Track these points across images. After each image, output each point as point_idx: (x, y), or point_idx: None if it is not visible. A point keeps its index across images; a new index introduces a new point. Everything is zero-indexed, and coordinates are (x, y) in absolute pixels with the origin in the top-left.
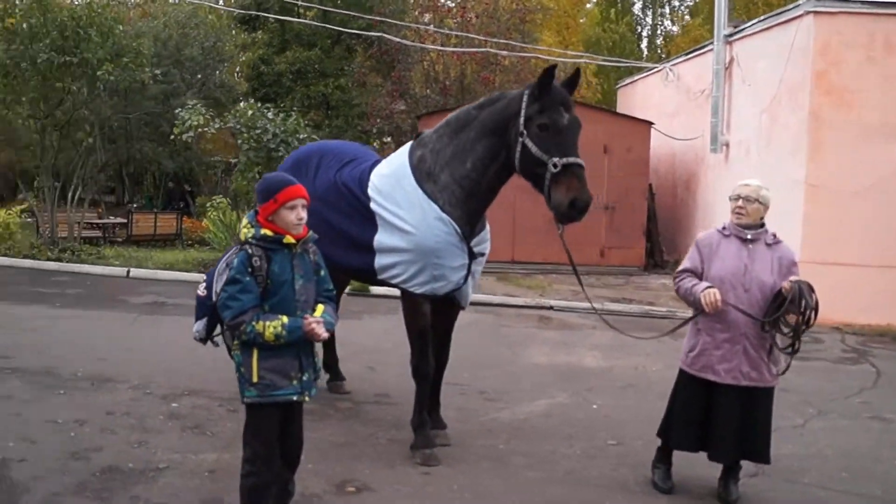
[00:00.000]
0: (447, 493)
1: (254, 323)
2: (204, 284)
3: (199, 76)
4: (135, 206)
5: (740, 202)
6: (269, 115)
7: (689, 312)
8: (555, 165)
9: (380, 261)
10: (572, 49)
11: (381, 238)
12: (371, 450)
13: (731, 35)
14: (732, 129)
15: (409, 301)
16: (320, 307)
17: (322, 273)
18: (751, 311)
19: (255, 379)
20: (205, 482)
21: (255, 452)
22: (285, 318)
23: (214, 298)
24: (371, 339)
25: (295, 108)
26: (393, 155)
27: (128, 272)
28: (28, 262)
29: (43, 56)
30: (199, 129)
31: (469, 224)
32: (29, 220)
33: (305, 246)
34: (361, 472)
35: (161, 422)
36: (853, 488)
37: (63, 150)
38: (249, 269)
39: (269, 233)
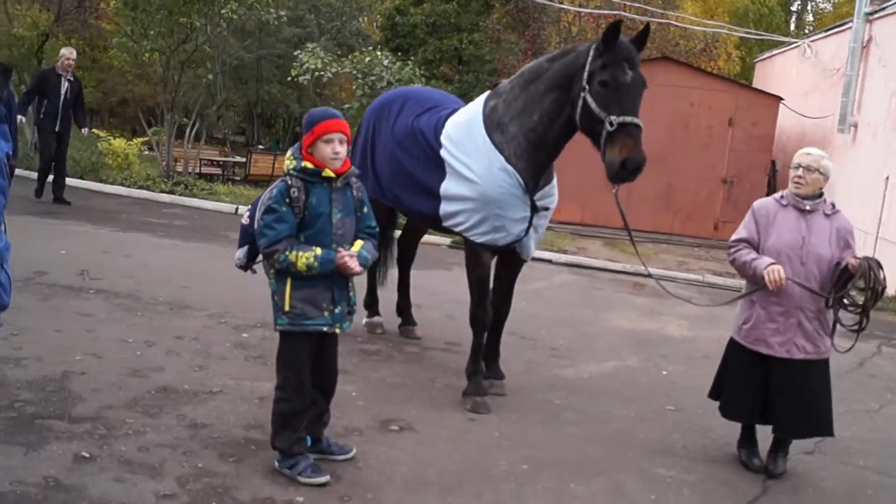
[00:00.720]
0: (486, 439)
1: (287, 252)
2: (248, 213)
3: (336, 23)
4: (261, 147)
5: (800, 171)
6: (385, 62)
7: None
8: (611, 124)
9: (444, 208)
10: (717, 19)
11: (447, 185)
12: (425, 393)
13: (871, 13)
14: (863, 111)
15: (471, 250)
16: (359, 242)
17: (365, 210)
18: (806, 283)
19: (286, 307)
20: (252, 408)
21: (287, 380)
22: (318, 250)
23: (256, 227)
24: (459, 289)
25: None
26: (471, 103)
27: (236, 209)
28: (143, 193)
29: None
30: (317, 73)
31: (534, 177)
32: (150, 152)
33: (347, 181)
34: (408, 413)
35: (226, 349)
36: None
37: (185, 87)
38: (287, 200)
39: (309, 165)
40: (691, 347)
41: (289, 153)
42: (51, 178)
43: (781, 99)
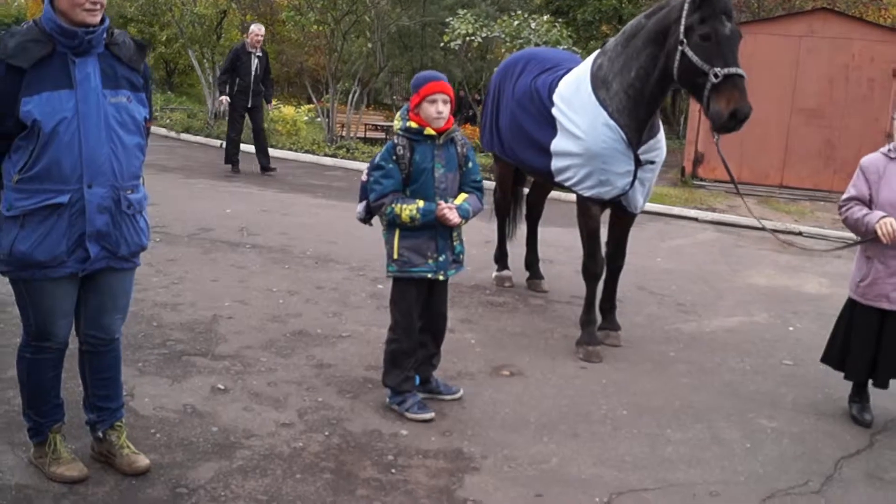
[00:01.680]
0: (592, 385)
1: (393, 205)
2: (367, 170)
3: None
4: None
5: None
6: (533, 25)
7: None
8: (716, 76)
9: (555, 163)
10: None
11: (557, 142)
12: (542, 342)
13: None
14: None
15: (580, 203)
16: (462, 196)
17: (470, 165)
18: None
19: (395, 255)
20: (375, 350)
21: (397, 321)
22: (421, 203)
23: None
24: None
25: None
26: (583, 62)
27: None
28: (308, 157)
29: None
30: (468, 38)
31: (636, 131)
32: (318, 119)
33: (450, 137)
34: (521, 360)
35: (362, 299)
36: None
37: (350, 55)
38: (393, 157)
39: (413, 125)
40: (826, 304)
41: (398, 114)
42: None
43: None
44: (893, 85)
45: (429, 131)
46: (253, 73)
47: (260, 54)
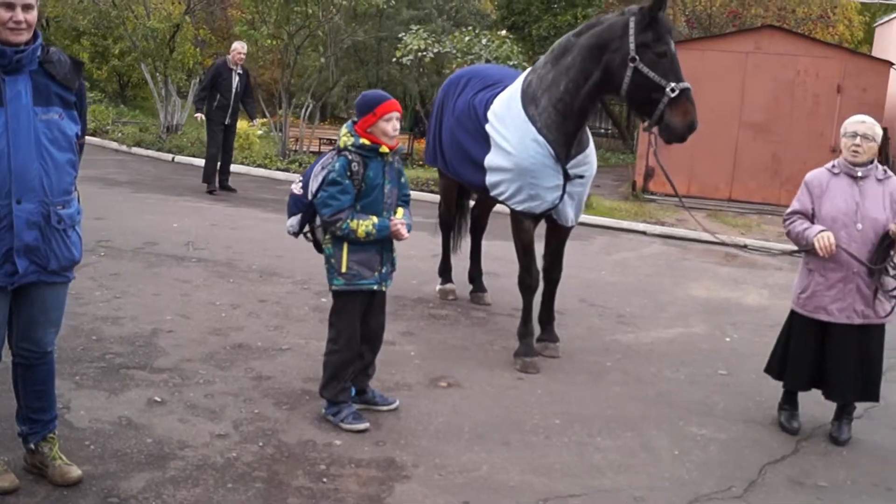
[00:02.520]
0: (527, 395)
1: (349, 221)
2: (300, 184)
3: (454, 3)
4: None
5: (857, 140)
6: (484, 41)
7: None
8: (672, 90)
9: (489, 178)
10: None
11: (490, 157)
12: (481, 354)
13: None
14: None
15: (514, 218)
16: (400, 210)
17: (403, 179)
18: (864, 248)
19: (343, 269)
20: (315, 363)
21: (339, 332)
22: (375, 219)
23: (310, 198)
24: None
25: (530, 37)
26: (516, 80)
27: None
28: (260, 171)
29: None
30: (420, 54)
31: (564, 146)
32: (273, 133)
33: (396, 155)
34: (459, 372)
35: (304, 312)
36: None
37: (304, 70)
38: (348, 174)
39: (367, 142)
40: (764, 316)
41: (344, 130)
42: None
43: (893, 64)
44: (838, 100)
45: (384, 149)
46: (234, 90)
47: (241, 72)
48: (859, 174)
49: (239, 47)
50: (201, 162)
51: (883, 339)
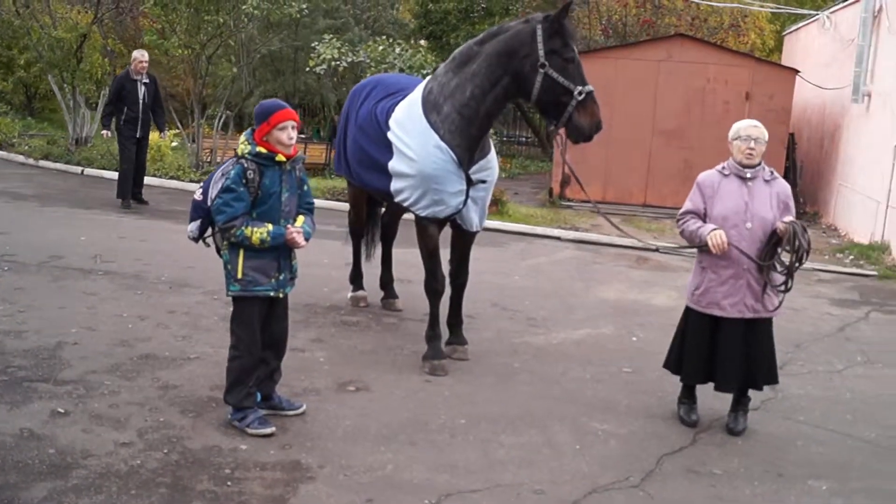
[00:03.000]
0: (435, 397)
1: (243, 227)
2: (200, 190)
3: (371, 13)
4: (302, 136)
5: (752, 143)
6: (398, 50)
7: None
8: (580, 93)
9: (393, 185)
10: None
11: (393, 164)
12: (390, 359)
13: None
14: (875, 80)
15: (418, 223)
16: (301, 218)
17: (305, 188)
18: (753, 245)
19: (239, 275)
20: (222, 371)
21: (239, 339)
22: (270, 226)
23: (209, 204)
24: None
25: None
26: (416, 88)
27: None
28: (173, 183)
29: None
30: (333, 63)
31: (468, 151)
32: (186, 144)
33: (294, 164)
34: (368, 376)
35: (213, 322)
36: (846, 430)
37: (218, 80)
38: (244, 181)
39: (263, 150)
40: (671, 316)
41: (242, 138)
42: None
43: (798, 72)
44: (746, 107)
45: (280, 158)
46: (141, 101)
47: (147, 80)
48: (748, 175)
49: (139, 56)
50: (111, 175)
51: (772, 331)
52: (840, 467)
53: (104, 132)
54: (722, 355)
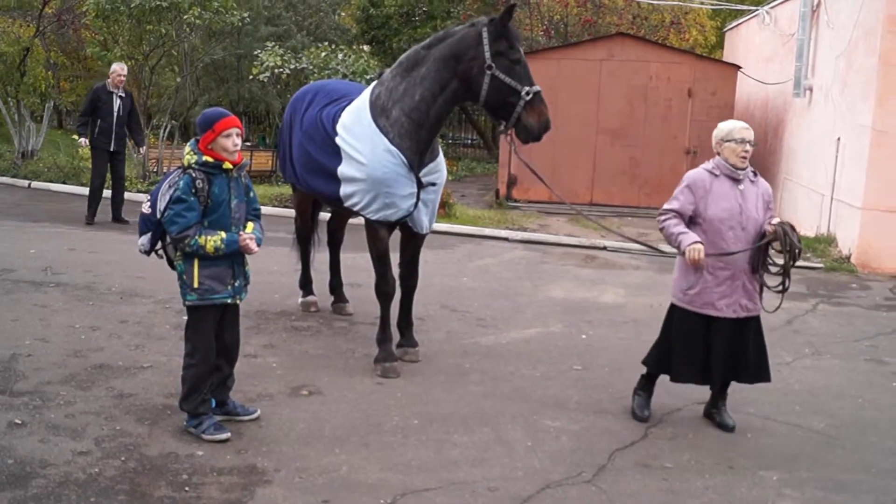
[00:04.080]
0: (387, 399)
1: (197, 237)
2: (148, 203)
3: (313, 19)
4: (248, 143)
5: (747, 146)
6: (340, 56)
7: None
8: (527, 94)
9: (343, 189)
10: None
11: (342, 169)
12: (342, 362)
13: None
14: (815, 74)
15: (369, 227)
16: (250, 224)
17: (252, 194)
18: (747, 246)
19: (195, 285)
20: (176, 379)
21: (195, 347)
22: (223, 234)
23: (158, 216)
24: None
25: (389, 50)
26: (363, 93)
27: None
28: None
29: (136, 1)
30: (276, 70)
31: (418, 153)
32: (133, 154)
33: (240, 171)
34: (321, 380)
35: (166, 331)
36: (795, 420)
37: (162, 90)
38: (193, 191)
39: (209, 159)
40: (620, 313)
41: (188, 148)
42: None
43: (739, 67)
44: (689, 104)
45: (227, 165)
46: (115, 114)
47: (123, 94)
48: (740, 176)
49: (118, 69)
50: (58, 187)
51: (762, 328)
52: (790, 458)
53: (81, 140)
54: (714, 353)
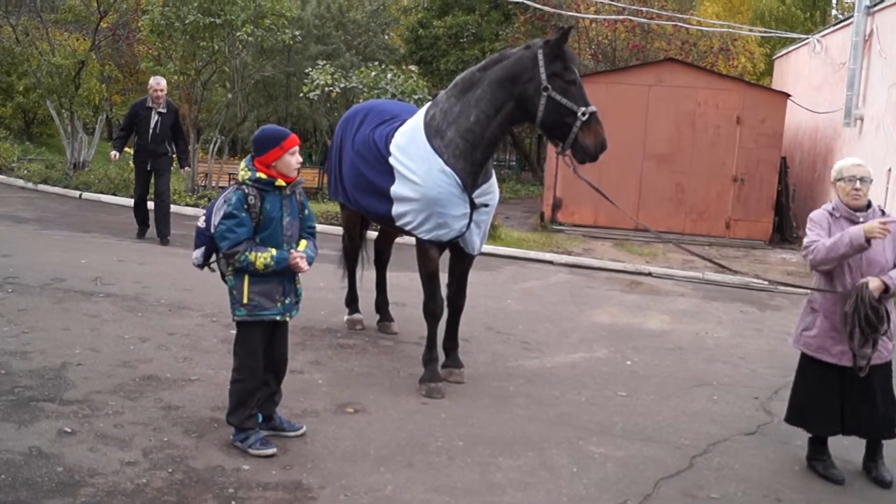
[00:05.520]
0: (432, 419)
1: (247, 253)
2: (203, 217)
3: (363, 39)
4: None
5: (857, 184)
6: (389, 76)
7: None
8: (583, 114)
9: (396, 209)
10: (740, 18)
11: (395, 188)
12: (387, 381)
13: (872, 6)
14: (867, 104)
15: (420, 246)
16: (303, 242)
17: (306, 212)
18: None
19: (245, 300)
20: (223, 392)
21: (243, 362)
22: (274, 251)
23: (212, 230)
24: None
25: (439, 70)
26: (416, 114)
27: None
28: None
29: (191, 17)
30: (327, 89)
31: (472, 175)
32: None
33: (294, 188)
34: (366, 398)
35: (213, 344)
36: (843, 455)
37: (213, 105)
38: (245, 206)
39: (263, 176)
40: (665, 340)
41: (242, 165)
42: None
43: (789, 96)
44: (737, 131)
45: (280, 182)
46: (151, 130)
47: (163, 110)
48: (860, 219)
49: (153, 83)
50: (109, 198)
51: (891, 378)
52: (837, 492)
53: (112, 153)
54: (844, 402)
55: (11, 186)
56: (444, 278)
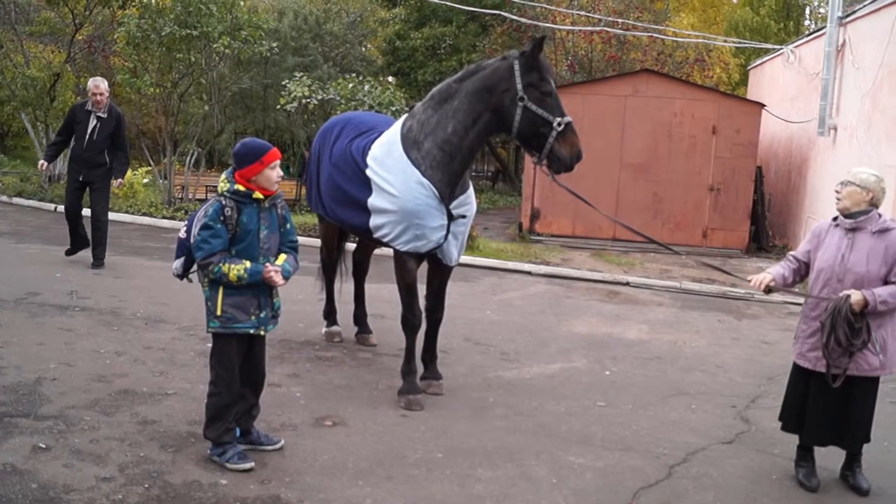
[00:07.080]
0: (412, 432)
1: (221, 264)
2: (185, 228)
3: (340, 50)
4: None
5: (837, 186)
6: (367, 87)
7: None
8: (559, 124)
9: (373, 221)
10: (716, 29)
11: (372, 200)
12: (366, 394)
13: (844, 17)
14: (840, 113)
15: (398, 258)
16: (282, 256)
17: (288, 226)
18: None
19: (218, 312)
20: (200, 406)
21: (218, 375)
22: (248, 263)
23: (192, 241)
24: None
25: (416, 82)
26: (392, 126)
27: None
28: (145, 220)
29: (167, 29)
30: (304, 101)
31: (449, 186)
32: (158, 180)
33: (273, 201)
34: (345, 411)
35: (190, 357)
36: (820, 462)
37: (189, 117)
38: (221, 218)
39: (241, 188)
40: (643, 349)
41: (223, 176)
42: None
43: (763, 105)
44: (713, 140)
45: (257, 195)
46: (87, 136)
47: (103, 115)
48: (847, 225)
49: (92, 85)
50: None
51: (873, 392)
52: (815, 499)
53: (41, 163)
54: (813, 410)
55: None
56: (422, 290)
